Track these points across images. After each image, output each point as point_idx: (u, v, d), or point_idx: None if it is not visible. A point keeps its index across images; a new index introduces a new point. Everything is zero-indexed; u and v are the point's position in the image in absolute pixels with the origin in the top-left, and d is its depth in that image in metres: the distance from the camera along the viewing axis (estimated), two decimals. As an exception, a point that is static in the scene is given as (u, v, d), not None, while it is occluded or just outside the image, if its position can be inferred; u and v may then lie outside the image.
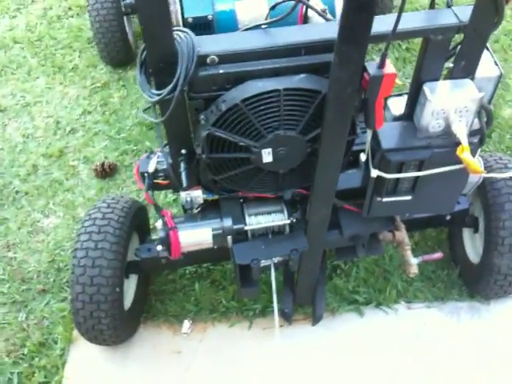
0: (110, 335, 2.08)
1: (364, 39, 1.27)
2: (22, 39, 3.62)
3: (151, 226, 2.44)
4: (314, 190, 1.68)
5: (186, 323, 2.36)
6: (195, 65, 1.38)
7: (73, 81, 3.33)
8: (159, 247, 1.86)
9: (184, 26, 2.07)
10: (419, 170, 1.68)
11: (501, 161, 2.19)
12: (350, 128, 1.54)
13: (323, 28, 1.48)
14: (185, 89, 1.45)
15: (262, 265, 1.84)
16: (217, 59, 1.42)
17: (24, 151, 3.01)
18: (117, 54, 3.24)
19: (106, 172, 2.86)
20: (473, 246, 2.40)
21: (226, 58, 1.42)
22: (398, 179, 1.71)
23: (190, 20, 1.99)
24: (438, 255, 2.10)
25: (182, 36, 1.38)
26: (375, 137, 1.67)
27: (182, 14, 2.05)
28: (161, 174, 1.76)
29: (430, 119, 1.60)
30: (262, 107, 1.47)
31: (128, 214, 2.13)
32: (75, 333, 2.30)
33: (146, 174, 1.75)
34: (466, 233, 2.43)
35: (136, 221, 2.20)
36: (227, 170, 1.67)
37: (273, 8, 1.54)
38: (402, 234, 2.09)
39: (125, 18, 3.20)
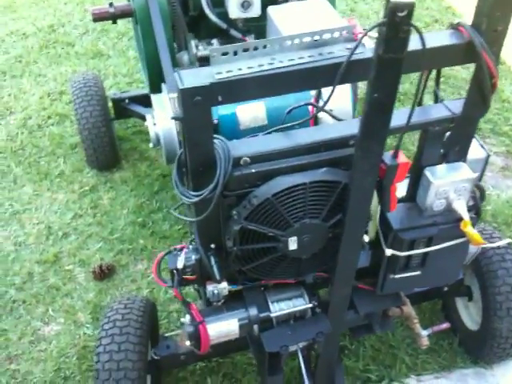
0: None
1: (383, 135, 1.46)
2: (5, 149, 3.70)
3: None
4: (336, 270, 1.80)
5: (204, 420, 2.34)
6: (231, 166, 1.52)
7: (60, 186, 3.41)
8: (188, 343, 1.89)
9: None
10: (428, 245, 1.84)
11: (485, 231, 2.39)
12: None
13: (337, 128, 1.66)
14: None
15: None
16: (249, 160, 1.57)
17: (17, 259, 3.00)
18: (105, 159, 3.36)
19: (105, 273, 2.89)
20: (468, 313, 2.54)
21: (257, 159, 1.58)
22: (409, 256, 1.86)
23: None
24: (445, 325, 2.23)
25: (217, 142, 1.53)
26: (384, 219, 1.83)
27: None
28: (188, 270, 1.83)
29: (434, 199, 1.78)
30: (290, 199, 1.61)
31: (145, 312, 2.16)
32: None
33: (174, 271, 1.82)
34: (460, 302, 2.58)
35: (152, 319, 2.23)
36: (255, 260, 1.77)
37: (289, 112, 1.73)
38: (409, 308, 2.21)
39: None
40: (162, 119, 2.27)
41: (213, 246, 1.76)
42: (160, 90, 2.52)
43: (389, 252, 1.83)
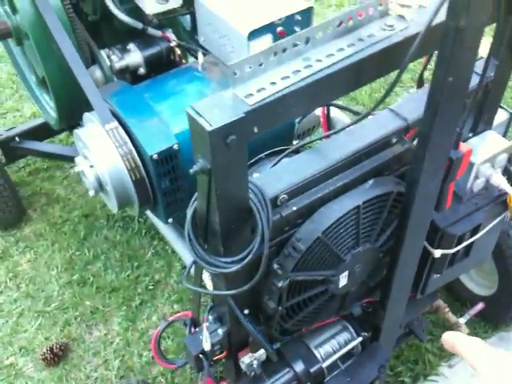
0: None
1: (455, 126, 1.15)
2: None
3: None
4: (391, 292, 1.49)
5: None
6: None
7: (-39, 263, 2.72)
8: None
9: (145, 166, 1.76)
10: (474, 232, 1.60)
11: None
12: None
13: (372, 126, 1.32)
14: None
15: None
16: (287, 197, 1.19)
17: None
18: (10, 215, 2.72)
19: (58, 356, 2.32)
20: (471, 280, 2.38)
21: (295, 193, 1.20)
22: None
23: (155, 157, 1.70)
24: (480, 306, 2.05)
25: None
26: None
27: (139, 152, 1.75)
28: (217, 348, 1.41)
29: (474, 181, 1.53)
30: (342, 231, 1.26)
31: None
32: None
33: (201, 356, 1.39)
34: (461, 269, 2.41)
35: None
36: (299, 313, 1.40)
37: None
38: (438, 300, 1.99)
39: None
40: (103, 157, 1.77)
41: (247, 311, 1.36)
42: (76, 122, 2.00)
43: (438, 253, 1.56)
